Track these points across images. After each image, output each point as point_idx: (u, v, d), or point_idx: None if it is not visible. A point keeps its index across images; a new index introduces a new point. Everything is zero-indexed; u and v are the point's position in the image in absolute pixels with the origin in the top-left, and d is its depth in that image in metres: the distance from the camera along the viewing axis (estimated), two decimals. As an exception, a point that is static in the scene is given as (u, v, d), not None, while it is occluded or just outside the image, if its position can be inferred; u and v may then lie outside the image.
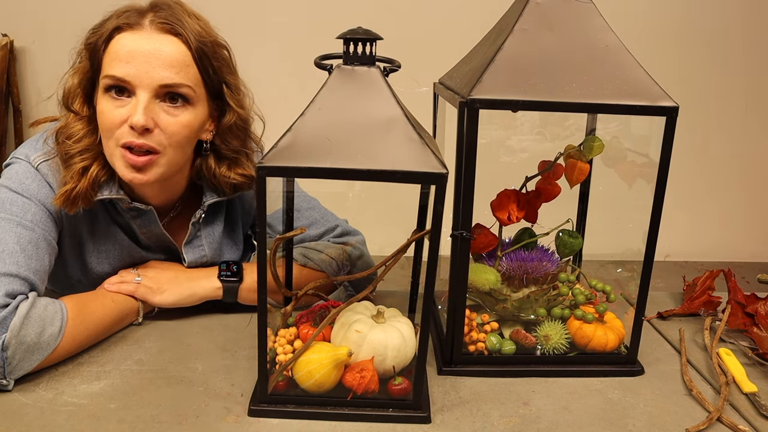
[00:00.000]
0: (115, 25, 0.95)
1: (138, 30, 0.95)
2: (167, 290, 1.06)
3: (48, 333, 0.88)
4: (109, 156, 0.98)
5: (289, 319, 0.93)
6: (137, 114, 0.93)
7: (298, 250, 1.12)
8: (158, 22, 0.95)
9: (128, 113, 0.94)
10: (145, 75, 0.93)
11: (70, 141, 0.99)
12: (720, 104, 2.77)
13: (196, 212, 1.10)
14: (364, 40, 0.78)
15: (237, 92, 1.04)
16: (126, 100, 0.95)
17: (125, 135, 0.95)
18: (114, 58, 0.94)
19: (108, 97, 0.95)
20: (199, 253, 1.13)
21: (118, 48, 0.94)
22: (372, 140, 0.75)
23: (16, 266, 0.90)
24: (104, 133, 0.97)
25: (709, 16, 2.67)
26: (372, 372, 0.82)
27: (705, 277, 1.18)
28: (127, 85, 0.94)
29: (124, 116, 0.94)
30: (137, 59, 0.93)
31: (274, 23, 2.56)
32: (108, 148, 0.98)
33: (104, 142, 0.98)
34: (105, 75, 0.95)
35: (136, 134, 0.94)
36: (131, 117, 0.93)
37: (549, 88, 0.84)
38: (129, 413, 0.83)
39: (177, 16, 0.97)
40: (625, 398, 0.91)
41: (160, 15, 0.96)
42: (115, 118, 0.94)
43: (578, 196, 1.09)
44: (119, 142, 0.95)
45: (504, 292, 0.98)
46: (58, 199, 0.97)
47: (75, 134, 0.99)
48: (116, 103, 0.95)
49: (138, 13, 0.96)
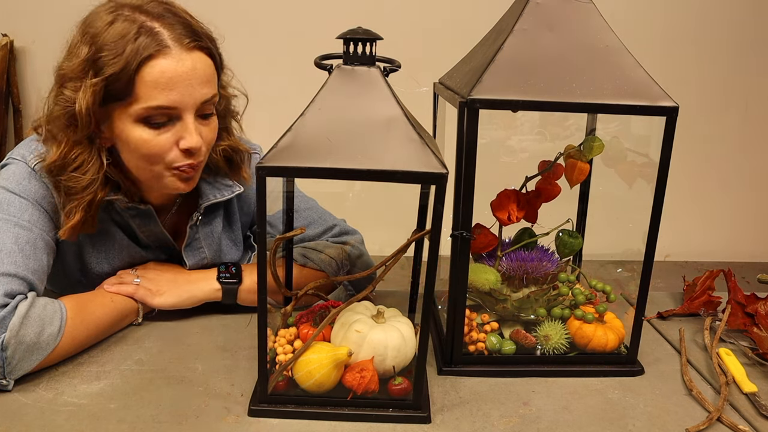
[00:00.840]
0: (144, 55, 0.89)
1: (167, 54, 0.91)
2: (166, 292, 1.06)
3: (47, 333, 0.88)
4: (151, 178, 0.99)
5: (289, 319, 0.93)
6: (193, 138, 0.94)
7: (298, 251, 1.12)
8: (184, 41, 0.92)
9: (175, 137, 0.95)
10: (188, 97, 0.93)
11: (76, 173, 0.95)
12: (720, 104, 2.77)
13: (192, 215, 1.10)
14: (364, 40, 0.78)
15: (224, 76, 1.06)
16: (168, 125, 0.94)
17: (179, 159, 0.96)
18: (153, 88, 0.90)
19: (144, 127, 0.93)
20: (200, 256, 1.13)
21: (156, 76, 0.90)
22: (372, 140, 0.75)
23: (14, 266, 0.90)
24: (146, 160, 0.96)
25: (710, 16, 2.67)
26: (372, 372, 0.82)
27: (705, 277, 1.18)
28: (173, 111, 0.93)
29: (171, 140, 0.95)
30: (178, 84, 0.91)
31: (274, 23, 2.56)
32: (150, 171, 0.98)
33: (142, 167, 0.97)
34: (147, 107, 0.91)
35: (189, 155, 0.97)
36: (184, 141, 0.95)
37: (549, 88, 0.84)
38: (129, 413, 0.83)
39: (188, 24, 0.94)
40: (625, 398, 0.91)
41: (177, 30, 0.92)
42: (162, 145, 0.94)
43: (578, 196, 1.09)
44: (171, 166, 0.97)
45: (504, 292, 0.98)
46: (64, 234, 0.97)
47: (80, 165, 0.95)
48: (157, 131, 0.94)
49: (151, 33, 0.90)
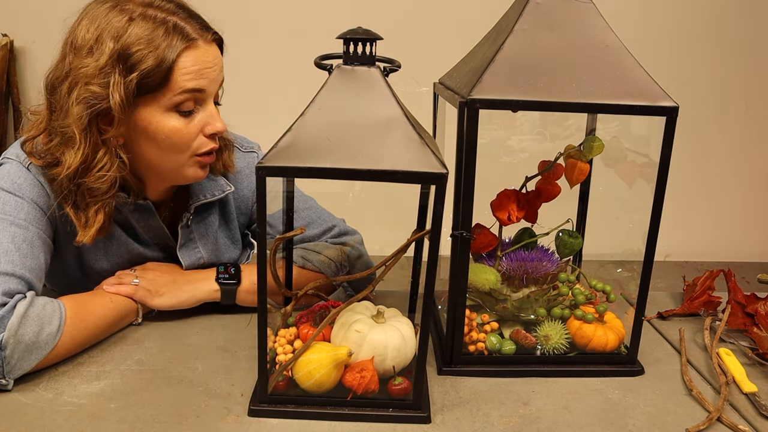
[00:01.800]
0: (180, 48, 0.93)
1: (195, 46, 0.96)
2: (165, 293, 1.06)
3: (46, 332, 0.88)
4: (176, 167, 1.01)
5: (289, 319, 0.93)
6: (219, 122, 1.00)
7: (297, 252, 1.12)
8: (207, 35, 0.98)
9: (201, 123, 0.99)
10: (213, 83, 0.99)
11: (101, 172, 0.95)
12: (720, 104, 2.77)
13: (182, 216, 1.11)
14: (364, 40, 0.78)
15: None
16: (194, 113, 0.98)
17: (205, 144, 1.01)
18: (185, 74, 0.94)
19: (175, 115, 0.96)
20: (195, 256, 1.13)
21: (189, 65, 0.95)
22: (372, 140, 0.75)
23: (11, 265, 0.90)
24: (175, 149, 0.99)
25: (709, 16, 2.67)
26: (372, 372, 0.82)
27: (705, 277, 1.18)
28: (201, 95, 0.97)
29: (197, 127, 0.99)
30: (206, 71, 0.97)
31: (274, 23, 2.56)
32: (176, 161, 1.01)
33: (169, 157, 1.00)
34: (181, 91, 0.94)
35: (213, 140, 1.02)
36: (210, 126, 0.99)
37: (549, 88, 0.84)
38: (129, 413, 0.83)
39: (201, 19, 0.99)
40: (625, 398, 0.91)
41: (194, 23, 0.97)
42: (191, 132, 0.99)
43: (578, 196, 1.09)
44: (198, 152, 1.01)
45: (504, 292, 0.98)
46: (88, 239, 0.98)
47: (105, 164, 0.95)
48: (186, 119, 0.98)
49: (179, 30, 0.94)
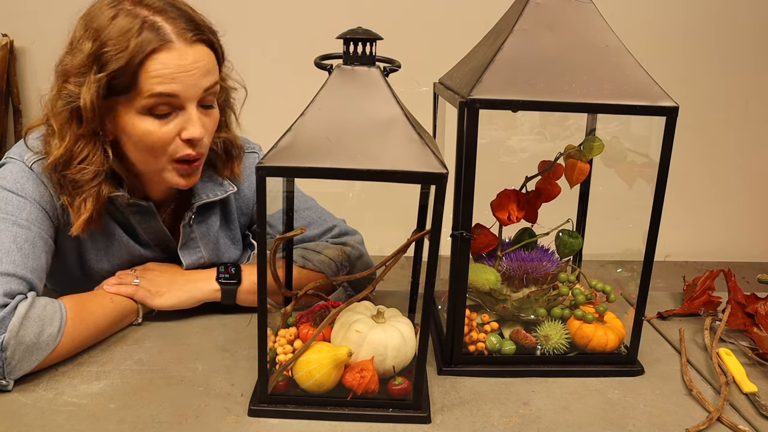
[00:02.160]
0: (147, 49, 0.91)
1: (170, 48, 0.92)
2: (166, 293, 1.06)
3: (47, 333, 0.88)
4: (155, 171, 1.00)
5: (289, 319, 0.93)
6: (196, 128, 0.96)
7: (297, 252, 1.12)
8: (187, 35, 0.93)
9: (177, 128, 0.96)
10: (192, 87, 0.94)
11: (82, 165, 0.96)
12: (720, 104, 2.77)
13: (185, 215, 1.11)
14: (364, 40, 0.78)
15: (224, 68, 1.06)
16: (170, 116, 0.95)
17: (181, 149, 0.97)
18: (154, 77, 0.92)
19: (149, 118, 0.94)
20: (196, 255, 1.13)
21: (158, 69, 0.91)
22: (372, 140, 0.75)
23: (13, 265, 0.90)
24: (149, 152, 0.97)
25: (709, 16, 2.67)
26: (372, 372, 0.82)
27: (705, 277, 1.18)
28: (174, 99, 0.94)
29: (174, 131, 0.96)
30: (181, 75, 0.93)
31: (274, 23, 2.56)
32: (153, 164, 0.99)
33: (144, 159, 0.99)
34: (150, 95, 0.92)
35: (192, 146, 0.98)
36: (186, 131, 0.96)
37: (549, 88, 0.84)
38: (129, 413, 0.83)
39: (189, 17, 0.95)
40: (625, 398, 0.91)
41: (179, 24, 0.93)
42: (165, 135, 0.96)
43: (578, 196, 1.09)
44: (174, 157, 0.98)
45: (504, 292, 0.98)
46: (76, 230, 0.98)
47: (86, 157, 0.96)
48: (161, 122, 0.95)
49: (154, 28, 0.92)
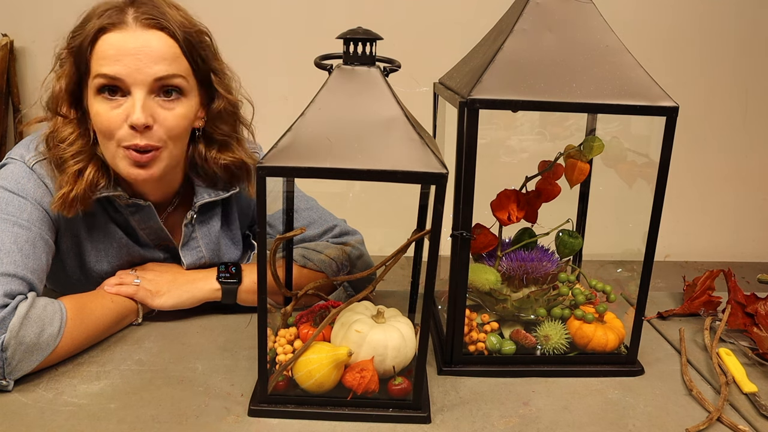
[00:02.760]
0: (98, 26, 0.93)
1: (123, 28, 0.93)
2: (166, 293, 1.06)
3: (47, 333, 0.88)
4: (110, 158, 0.98)
5: (289, 319, 0.93)
6: (136, 112, 0.93)
7: (298, 251, 1.12)
8: (142, 18, 0.94)
9: (126, 113, 0.94)
10: (137, 72, 0.93)
11: (63, 144, 0.98)
12: (720, 104, 2.77)
13: (187, 214, 1.10)
14: (364, 40, 0.78)
15: (224, 77, 1.05)
16: (121, 100, 0.94)
17: (127, 137, 0.95)
18: (102, 58, 0.93)
19: (101, 98, 0.95)
20: (197, 255, 1.13)
21: (105, 48, 0.93)
22: (372, 140, 0.75)
23: (13, 266, 0.90)
24: (102, 135, 0.97)
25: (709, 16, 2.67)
26: (372, 372, 0.82)
27: (705, 277, 1.18)
28: (120, 83, 0.93)
29: (122, 116, 0.94)
30: (127, 57, 0.93)
31: (274, 23, 2.56)
32: (108, 150, 0.98)
33: (103, 144, 0.98)
34: (96, 75, 0.94)
35: (138, 134, 0.94)
36: (130, 116, 0.93)
37: (549, 88, 0.84)
38: (129, 413, 0.83)
39: (159, 9, 0.96)
40: (625, 398, 0.91)
41: (142, 10, 0.95)
42: (112, 119, 0.94)
43: (578, 196, 1.09)
44: (121, 143, 0.96)
45: (504, 292, 0.98)
46: (55, 204, 0.97)
47: (66, 138, 0.99)
48: (111, 104, 0.94)
49: (119, 11, 0.95)
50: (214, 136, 1.06)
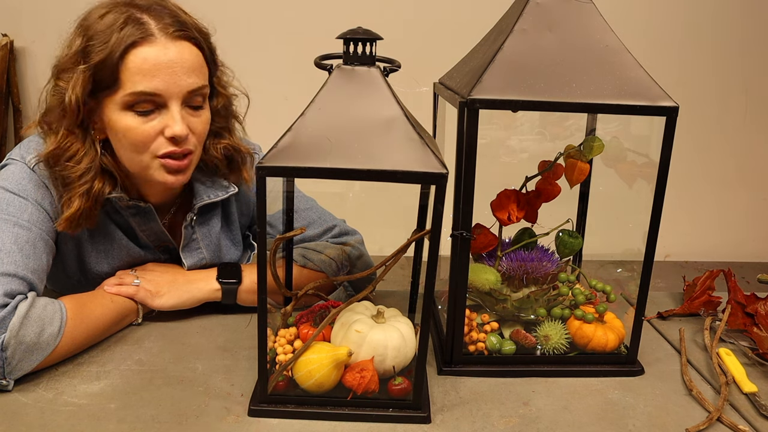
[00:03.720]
0: (127, 41, 0.92)
1: (152, 42, 0.93)
2: (166, 293, 1.06)
3: (47, 333, 0.88)
4: (141, 168, 0.99)
5: (289, 319, 0.93)
6: (177, 125, 0.95)
7: (297, 251, 1.12)
8: (170, 30, 0.94)
9: (161, 125, 0.96)
10: (173, 86, 0.94)
11: (70, 162, 0.96)
12: (720, 104, 2.77)
13: (186, 216, 1.11)
14: (364, 40, 0.78)
15: (223, 75, 1.07)
16: (155, 113, 0.95)
17: (163, 146, 0.97)
18: (137, 74, 0.92)
19: (131, 114, 0.95)
20: (198, 256, 1.13)
21: (139, 63, 0.92)
22: (372, 140, 0.75)
23: (14, 266, 0.90)
24: (132, 149, 0.97)
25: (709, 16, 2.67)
26: (372, 372, 0.82)
27: (705, 277, 1.18)
28: (156, 98, 0.94)
29: (157, 129, 0.96)
30: (162, 71, 0.93)
31: (274, 23, 2.56)
32: (139, 161, 0.98)
33: (129, 156, 0.99)
34: (130, 93, 0.93)
35: (175, 143, 0.97)
36: (169, 129, 0.95)
37: (549, 88, 0.84)
38: (129, 413, 0.83)
39: (178, 17, 0.97)
40: (625, 398, 0.91)
41: (165, 21, 0.95)
42: (147, 133, 0.96)
43: (578, 196, 1.09)
44: (157, 154, 0.98)
45: (504, 292, 0.98)
46: (61, 225, 0.97)
47: (74, 155, 0.97)
48: (143, 119, 0.95)
49: (138, 23, 0.93)
50: (211, 129, 1.07)
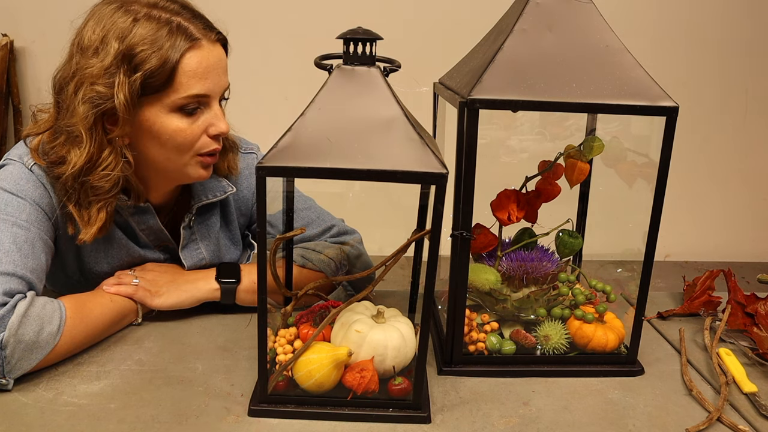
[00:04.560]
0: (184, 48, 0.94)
1: (200, 46, 0.96)
2: (165, 293, 1.06)
3: (46, 331, 0.88)
4: (179, 167, 1.02)
5: (289, 319, 0.93)
6: (223, 123, 1.00)
7: (297, 251, 1.12)
8: (211, 35, 0.98)
9: (205, 124, 0.99)
10: (217, 86, 0.99)
11: (106, 170, 0.95)
12: (720, 104, 2.77)
13: (185, 216, 1.11)
14: (364, 40, 0.78)
15: None
16: (198, 113, 0.99)
17: (208, 144, 1.01)
18: (191, 78, 0.95)
19: (180, 115, 0.97)
20: (197, 257, 1.13)
21: (194, 67, 0.95)
22: (372, 140, 0.75)
23: (12, 265, 0.90)
24: (178, 149, 0.99)
25: (709, 16, 2.67)
26: (372, 372, 0.82)
27: (705, 277, 1.18)
28: (205, 99, 0.98)
29: (201, 128, 1.00)
30: (210, 74, 0.97)
31: (274, 23, 2.56)
32: (179, 161, 1.01)
33: (172, 157, 1.01)
34: (185, 95, 0.95)
35: (217, 141, 1.02)
36: (214, 127, 1.00)
37: (549, 88, 0.84)
38: (129, 413, 0.83)
39: (206, 19, 1.00)
40: (625, 398, 0.91)
41: (198, 23, 0.97)
42: (195, 133, 0.99)
43: (578, 196, 1.09)
44: (200, 152, 1.01)
45: (504, 292, 0.98)
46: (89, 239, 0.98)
47: (110, 162, 0.96)
48: (190, 120, 0.98)
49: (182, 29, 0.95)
50: None
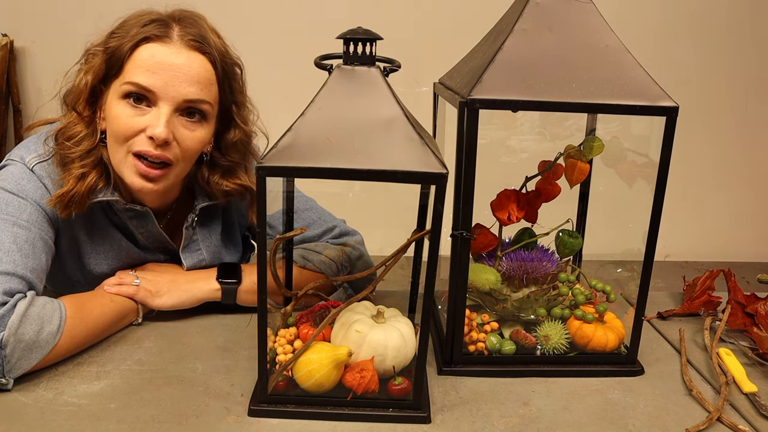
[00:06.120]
0: (144, 35, 0.94)
1: (167, 43, 0.95)
2: (166, 293, 1.06)
3: (46, 331, 0.88)
4: (117, 162, 0.99)
5: (289, 319, 0.93)
6: (159, 126, 0.94)
7: (297, 252, 1.12)
8: (187, 38, 0.96)
9: (146, 123, 0.95)
10: (171, 88, 0.94)
11: (70, 143, 0.98)
12: (720, 104, 2.77)
13: (188, 217, 1.11)
14: (364, 40, 0.78)
15: (244, 110, 1.07)
16: (145, 109, 0.95)
17: (140, 143, 0.96)
18: (139, 66, 0.94)
19: (125, 103, 0.95)
20: (198, 258, 1.13)
21: (145, 57, 0.94)
22: (372, 140, 0.75)
23: (13, 265, 0.90)
24: (114, 139, 0.97)
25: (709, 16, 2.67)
26: (372, 372, 0.82)
27: (705, 277, 1.18)
28: (150, 95, 0.95)
29: (141, 125, 0.95)
30: (164, 71, 0.94)
31: (274, 23, 2.56)
32: (117, 153, 0.98)
33: (112, 147, 0.98)
34: (127, 81, 0.94)
35: (154, 145, 0.95)
36: (151, 128, 0.94)
37: (549, 88, 0.84)
38: (129, 413, 0.83)
39: (203, 33, 0.98)
40: (625, 398, 0.91)
41: (189, 31, 0.96)
42: (131, 126, 0.95)
43: (578, 196, 1.09)
44: (132, 150, 0.96)
45: (504, 292, 0.98)
46: (52, 201, 0.98)
47: (74, 136, 0.99)
48: (134, 111, 0.95)
49: (164, 25, 0.96)
50: (221, 162, 1.07)
